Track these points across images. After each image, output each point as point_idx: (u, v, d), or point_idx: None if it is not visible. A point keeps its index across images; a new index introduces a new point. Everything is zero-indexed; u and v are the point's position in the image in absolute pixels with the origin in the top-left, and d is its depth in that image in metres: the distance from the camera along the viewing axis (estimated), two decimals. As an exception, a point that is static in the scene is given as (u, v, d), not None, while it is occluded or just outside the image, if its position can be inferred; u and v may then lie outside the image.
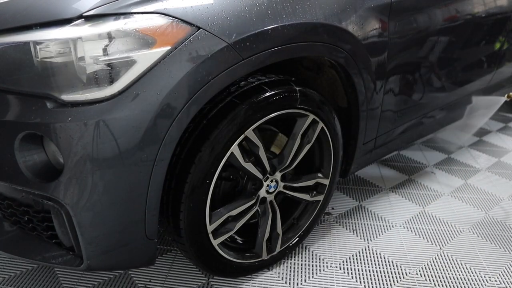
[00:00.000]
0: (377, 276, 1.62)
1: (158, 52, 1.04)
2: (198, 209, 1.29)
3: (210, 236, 1.37)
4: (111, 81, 1.02)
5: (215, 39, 1.09)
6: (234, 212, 1.41)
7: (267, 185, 1.46)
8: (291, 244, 1.65)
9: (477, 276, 1.63)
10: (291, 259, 1.68)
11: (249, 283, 1.57)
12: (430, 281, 1.60)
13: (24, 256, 1.25)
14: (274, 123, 1.52)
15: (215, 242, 1.39)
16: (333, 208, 2.02)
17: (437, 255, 1.74)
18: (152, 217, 1.18)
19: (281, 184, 1.51)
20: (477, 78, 2.24)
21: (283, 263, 1.66)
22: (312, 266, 1.65)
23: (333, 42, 1.36)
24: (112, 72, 1.02)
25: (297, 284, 1.57)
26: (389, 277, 1.61)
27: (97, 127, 1.02)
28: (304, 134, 1.48)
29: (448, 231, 1.90)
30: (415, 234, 1.87)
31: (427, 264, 1.69)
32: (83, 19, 1.02)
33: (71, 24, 1.02)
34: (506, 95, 2.09)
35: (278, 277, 1.60)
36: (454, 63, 1.99)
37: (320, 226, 1.88)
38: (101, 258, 1.17)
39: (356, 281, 1.59)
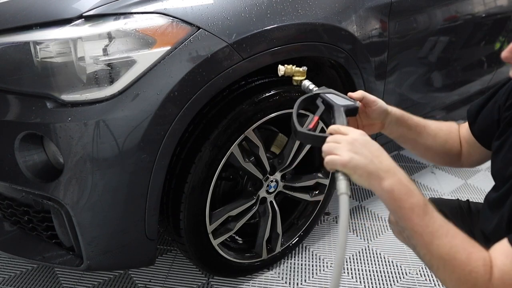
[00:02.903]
0: (377, 276, 1.61)
1: (158, 52, 1.04)
2: (198, 209, 1.29)
3: (210, 236, 1.36)
4: (111, 81, 1.02)
5: (215, 39, 1.09)
6: (234, 212, 1.41)
7: (267, 185, 1.46)
8: (291, 244, 1.65)
9: (477, 276, 1.63)
10: (291, 259, 1.68)
11: (249, 283, 1.56)
12: (430, 281, 1.60)
13: (24, 256, 1.25)
14: (274, 123, 1.52)
15: (215, 242, 1.39)
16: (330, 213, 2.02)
17: (437, 255, 1.73)
18: (152, 217, 1.18)
19: (281, 184, 1.51)
20: (477, 78, 2.24)
21: (283, 263, 1.66)
22: (312, 266, 1.65)
23: (333, 42, 1.35)
24: (112, 72, 1.02)
25: (297, 284, 1.56)
26: (389, 277, 1.61)
27: (97, 127, 1.02)
28: (304, 134, 1.48)
29: (448, 231, 1.89)
30: (415, 234, 1.86)
31: (427, 264, 1.68)
32: (83, 19, 1.02)
33: (71, 24, 1.02)
34: None
35: (278, 277, 1.60)
36: (454, 63, 1.98)
37: (320, 226, 1.88)
38: (101, 258, 1.17)
39: (356, 281, 1.59)
